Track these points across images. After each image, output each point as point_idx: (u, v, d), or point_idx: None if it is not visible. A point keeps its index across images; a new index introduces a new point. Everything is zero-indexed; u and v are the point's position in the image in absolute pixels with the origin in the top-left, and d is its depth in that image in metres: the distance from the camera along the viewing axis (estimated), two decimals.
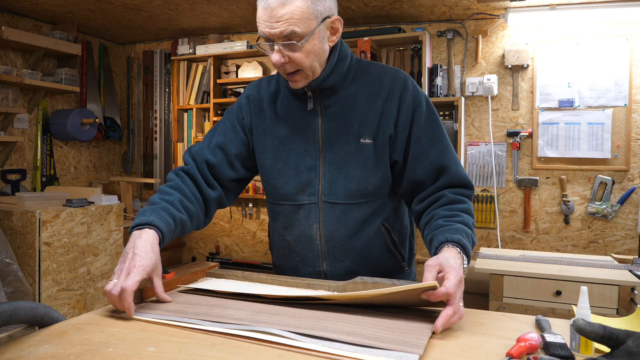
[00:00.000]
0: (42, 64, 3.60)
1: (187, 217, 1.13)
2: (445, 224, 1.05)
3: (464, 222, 1.06)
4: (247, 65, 3.79)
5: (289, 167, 1.21)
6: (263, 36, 1.08)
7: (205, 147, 1.24)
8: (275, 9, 1.03)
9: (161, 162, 4.20)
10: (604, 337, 0.67)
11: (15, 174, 3.44)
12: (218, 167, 1.23)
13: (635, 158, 3.02)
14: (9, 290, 2.35)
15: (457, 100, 3.18)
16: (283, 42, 1.06)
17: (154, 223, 1.02)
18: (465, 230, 1.04)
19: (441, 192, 1.15)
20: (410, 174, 1.18)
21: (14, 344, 0.77)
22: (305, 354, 0.74)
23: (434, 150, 1.17)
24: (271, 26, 1.05)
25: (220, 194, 1.24)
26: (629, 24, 3.01)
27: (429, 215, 1.13)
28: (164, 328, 0.85)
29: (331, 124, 1.18)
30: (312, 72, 1.13)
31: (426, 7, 3.19)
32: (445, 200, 1.13)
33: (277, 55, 1.08)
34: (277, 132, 1.23)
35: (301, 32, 1.05)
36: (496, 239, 3.32)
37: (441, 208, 1.12)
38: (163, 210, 1.07)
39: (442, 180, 1.16)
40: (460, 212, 1.09)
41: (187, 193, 1.16)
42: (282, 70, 1.13)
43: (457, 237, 1.00)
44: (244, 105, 1.28)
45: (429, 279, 0.88)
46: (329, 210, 1.19)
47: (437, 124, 1.20)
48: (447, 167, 1.16)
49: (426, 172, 1.16)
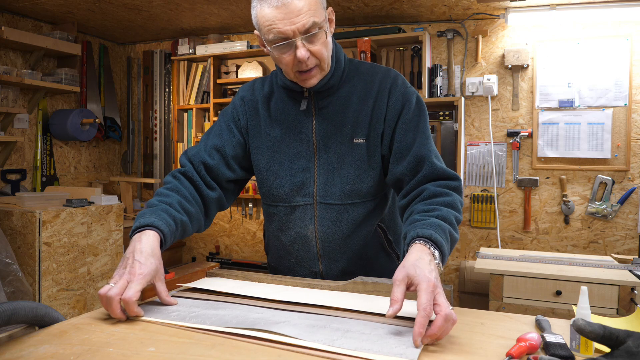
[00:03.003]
0: (42, 64, 3.60)
1: (187, 218, 1.10)
2: (421, 219, 0.98)
3: (442, 217, 0.99)
4: (247, 65, 3.79)
5: (284, 168, 1.21)
6: (279, 37, 1.04)
7: (202, 149, 1.22)
8: (291, 3, 1.00)
9: (161, 162, 4.20)
10: (604, 337, 0.67)
11: (15, 174, 3.44)
12: (216, 169, 1.21)
13: (635, 158, 3.02)
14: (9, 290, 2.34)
15: (457, 100, 3.18)
16: (306, 35, 1.03)
17: (154, 224, 1.00)
18: (440, 224, 0.96)
19: (423, 186, 1.09)
20: (393, 168, 1.15)
21: (14, 344, 0.77)
22: (305, 354, 0.74)
23: (416, 144, 1.13)
24: (291, 22, 1.01)
25: (219, 195, 1.22)
26: (629, 24, 3.01)
27: (409, 210, 1.08)
28: (164, 328, 0.85)
29: (325, 125, 1.18)
30: (327, 65, 1.13)
31: (426, 7, 3.19)
32: (426, 194, 1.07)
33: (303, 50, 1.04)
34: (272, 134, 1.22)
35: (320, 22, 1.04)
36: (496, 239, 3.32)
37: (421, 203, 1.06)
38: (163, 212, 1.04)
39: (422, 173, 1.11)
40: (440, 206, 1.02)
41: (186, 194, 1.14)
42: (303, 67, 1.08)
43: (428, 233, 0.92)
44: (239, 106, 1.27)
45: (397, 295, 0.81)
46: (324, 211, 1.19)
47: (423, 120, 1.17)
48: (425, 157, 1.11)
49: (407, 164, 1.13)
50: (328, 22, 1.11)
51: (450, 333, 0.84)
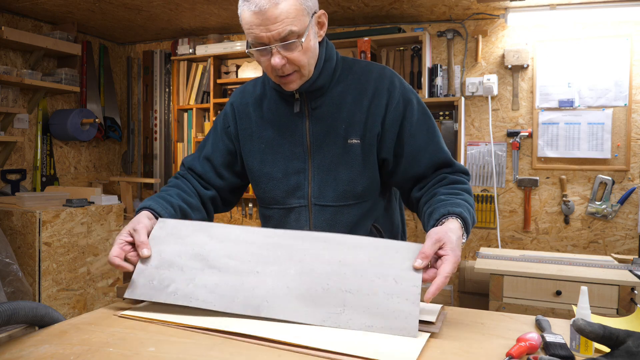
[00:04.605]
0: (42, 64, 3.60)
1: (186, 206, 1.16)
2: (447, 199, 1.04)
3: (466, 200, 1.06)
4: (247, 65, 3.79)
5: (277, 170, 1.20)
6: (257, 42, 1.04)
7: (196, 157, 1.29)
8: (268, 10, 0.99)
9: (161, 162, 4.20)
10: (604, 337, 0.67)
11: (15, 174, 3.44)
12: (206, 176, 1.26)
13: (635, 158, 3.02)
14: (9, 290, 2.35)
15: (457, 100, 3.18)
16: (281, 44, 1.03)
17: (150, 207, 1.07)
18: (467, 206, 1.03)
19: (442, 175, 1.15)
20: (409, 170, 1.17)
21: (14, 344, 0.77)
22: (305, 354, 0.74)
23: (432, 146, 1.16)
24: (267, 29, 1.01)
25: (214, 194, 1.27)
26: (629, 24, 3.01)
27: (431, 193, 1.12)
28: (164, 328, 0.85)
29: (319, 126, 1.17)
30: (308, 71, 1.11)
31: (426, 7, 3.19)
32: (447, 180, 1.14)
33: (278, 58, 1.04)
34: (264, 136, 1.22)
35: (298, 31, 1.03)
36: (496, 239, 3.32)
37: (443, 187, 1.11)
38: (159, 198, 1.12)
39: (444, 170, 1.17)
40: (462, 191, 1.09)
41: (185, 189, 1.21)
42: (280, 73, 1.08)
43: (459, 210, 0.99)
44: (229, 113, 1.28)
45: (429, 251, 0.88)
46: (319, 213, 1.19)
47: (430, 118, 1.20)
48: (448, 162, 1.17)
49: (426, 166, 1.16)
50: (317, 27, 1.10)
51: (451, 333, 0.84)
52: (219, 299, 0.90)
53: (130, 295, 0.94)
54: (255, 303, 0.88)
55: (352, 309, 0.84)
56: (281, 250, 0.94)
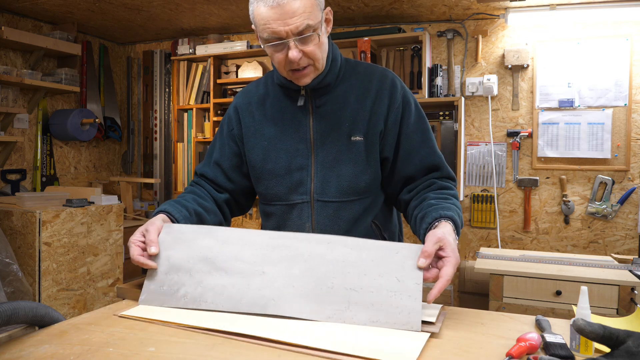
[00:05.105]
0: (42, 64, 3.60)
1: (202, 210, 1.20)
2: (438, 203, 1.08)
3: (455, 204, 1.10)
4: (247, 65, 3.79)
5: (280, 167, 1.22)
6: (273, 37, 1.06)
7: (207, 164, 1.32)
8: (287, 4, 1.02)
9: (161, 162, 4.19)
10: (604, 337, 0.67)
11: (15, 174, 3.44)
12: (217, 181, 1.29)
13: (635, 158, 3.02)
14: (9, 290, 2.35)
15: (457, 100, 3.18)
16: (299, 37, 1.05)
17: (166, 210, 1.11)
18: (457, 210, 1.08)
19: (431, 180, 1.20)
20: (402, 170, 1.21)
21: (14, 344, 0.78)
22: (305, 354, 0.74)
23: (425, 148, 1.21)
24: (285, 23, 1.03)
25: (228, 197, 1.30)
26: (629, 24, 3.01)
27: (420, 197, 1.16)
28: (164, 328, 0.85)
29: (322, 123, 1.19)
30: (321, 65, 1.14)
31: (426, 7, 3.19)
32: (436, 186, 1.18)
33: (295, 51, 1.06)
34: (266, 133, 1.23)
35: (314, 25, 1.06)
36: (496, 239, 3.32)
37: (433, 192, 1.15)
38: (175, 202, 1.17)
39: (432, 174, 1.21)
40: (450, 196, 1.13)
41: (200, 193, 1.26)
42: (295, 66, 1.10)
43: (450, 214, 1.03)
44: (233, 115, 1.30)
45: (431, 250, 0.90)
46: (321, 209, 1.20)
47: (425, 121, 1.25)
48: (438, 165, 1.21)
49: (417, 168, 1.20)
50: (325, 23, 1.13)
51: (451, 333, 0.84)
52: (227, 300, 0.92)
53: (143, 302, 0.96)
54: (262, 303, 0.90)
55: (356, 305, 0.87)
56: (286, 251, 0.96)
